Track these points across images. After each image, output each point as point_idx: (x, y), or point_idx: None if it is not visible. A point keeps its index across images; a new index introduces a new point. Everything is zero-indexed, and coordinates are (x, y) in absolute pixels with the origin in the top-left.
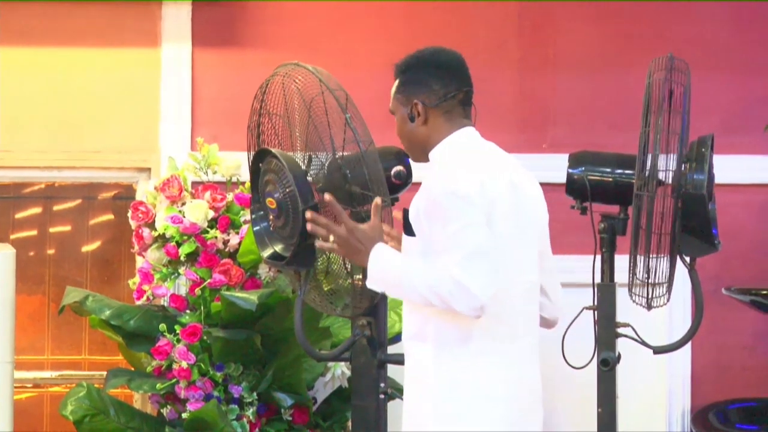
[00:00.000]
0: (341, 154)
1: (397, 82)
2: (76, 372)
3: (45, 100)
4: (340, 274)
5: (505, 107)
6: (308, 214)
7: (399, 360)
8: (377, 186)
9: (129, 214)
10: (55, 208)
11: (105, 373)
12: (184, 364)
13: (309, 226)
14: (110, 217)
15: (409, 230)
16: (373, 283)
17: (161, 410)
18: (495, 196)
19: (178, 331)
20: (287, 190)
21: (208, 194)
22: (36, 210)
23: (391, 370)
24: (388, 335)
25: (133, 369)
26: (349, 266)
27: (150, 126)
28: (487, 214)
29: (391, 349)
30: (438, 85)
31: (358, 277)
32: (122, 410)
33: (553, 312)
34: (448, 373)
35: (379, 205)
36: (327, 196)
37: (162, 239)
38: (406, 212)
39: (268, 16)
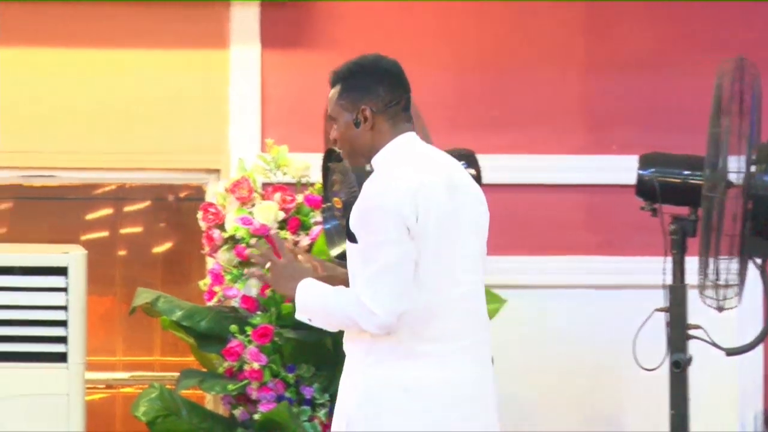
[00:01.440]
0: None
1: (338, 87)
2: (148, 373)
3: (114, 101)
4: None
5: (572, 109)
6: (252, 241)
7: None
8: None
9: (199, 216)
10: (126, 209)
11: (177, 374)
12: (256, 366)
13: (247, 251)
14: (180, 218)
15: (349, 236)
16: (300, 314)
17: (233, 411)
18: (429, 202)
19: (249, 333)
20: (351, 190)
21: (277, 195)
22: (107, 211)
23: None
24: None
25: (204, 370)
26: None
27: (219, 127)
28: (415, 224)
29: None
30: (384, 91)
31: None
32: (194, 411)
33: None
34: (375, 373)
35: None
36: (272, 231)
37: (232, 240)
38: (348, 219)
39: (335, 16)
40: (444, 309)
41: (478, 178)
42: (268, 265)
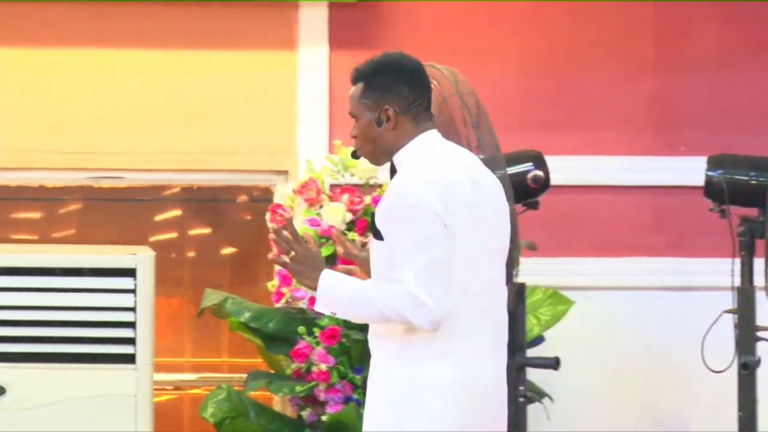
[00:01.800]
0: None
1: (361, 85)
2: (215, 374)
3: (183, 103)
4: None
5: (640, 110)
6: (273, 226)
7: (539, 363)
8: (505, 192)
9: (267, 217)
10: (194, 210)
11: (244, 375)
12: (324, 367)
13: (271, 237)
14: (248, 219)
15: (374, 233)
16: (323, 306)
17: (300, 413)
18: (455, 200)
19: (317, 334)
20: None
21: (345, 197)
22: (175, 212)
23: (531, 373)
24: (527, 338)
25: (272, 371)
26: None
27: (287, 129)
28: (447, 220)
29: (530, 353)
30: (407, 91)
31: None
32: (262, 413)
33: None
34: (406, 374)
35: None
36: (288, 217)
37: None
38: (373, 216)
39: (403, 17)
40: (469, 307)
41: (546, 180)
42: (291, 254)
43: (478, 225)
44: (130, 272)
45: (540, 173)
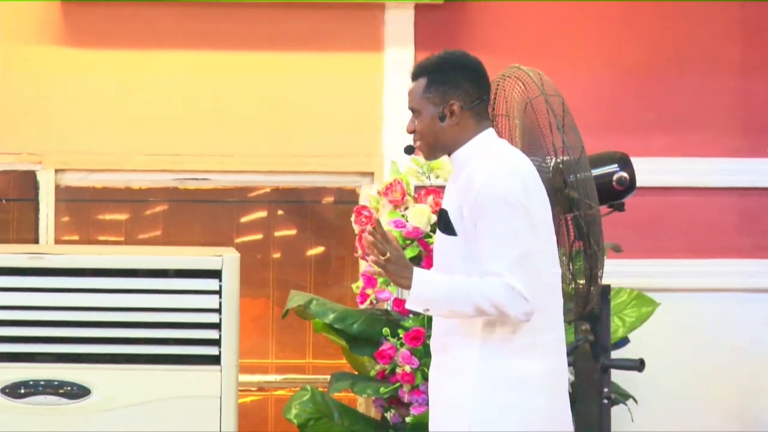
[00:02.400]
0: (561, 158)
1: (424, 80)
2: (300, 375)
3: (268, 104)
4: (563, 278)
5: (726, 111)
6: (369, 227)
7: (623, 365)
8: (589, 193)
9: (352, 218)
10: (279, 212)
11: (328, 376)
12: (408, 368)
13: (368, 238)
14: (333, 221)
15: (447, 229)
16: (416, 303)
17: (385, 414)
18: (534, 196)
19: (401, 335)
20: None
21: (430, 198)
22: (261, 214)
23: (615, 375)
24: (612, 340)
25: (356, 373)
26: (572, 270)
27: (372, 130)
28: (530, 215)
29: (615, 354)
30: (471, 87)
31: (581, 281)
32: (346, 414)
33: None
34: (489, 366)
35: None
36: (375, 218)
37: None
38: (443, 212)
39: (489, 18)
40: (547, 301)
41: (631, 182)
42: (387, 256)
43: (546, 219)
44: (216, 273)
45: (625, 175)
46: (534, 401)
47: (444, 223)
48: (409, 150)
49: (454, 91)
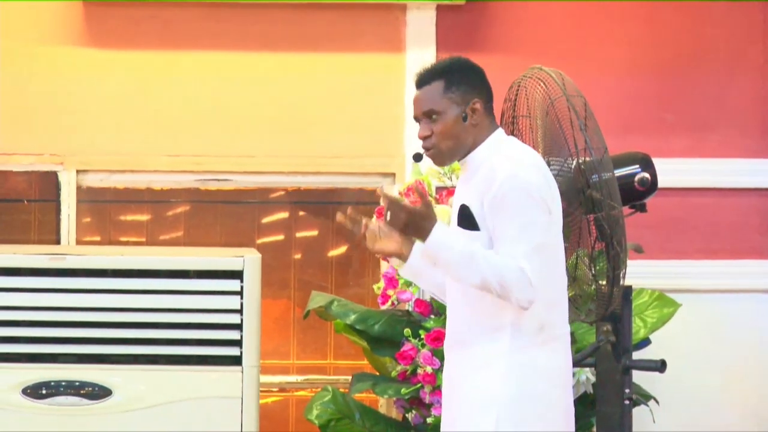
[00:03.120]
0: (583, 159)
1: (441, 82)
2: (321, 376)
3: (289, 105)
4: (585, 279)
5: (747, 112)
6: (381, 191)
7: (644, 366)
8: (612, 193)
9: (373, 219)
10: (301, 212)
11: (350, 377)
12: (429, 369)
13: (385, 202)
14: None
15: (468, 225)
16: (428, 252)
17: (406, 415)
18: (553, 191)
19: (422, 336)
20: None
21: (451, 199)
22: (282, 215)
23: (636, 375)
24: (633, 341)
25: (377, 373)
26: (594, 271)
27: (394, 131)
28: (549, 209)
29: (636, 355)
30: (485, 88)
31: (602, 282)
32: (367, 415)
33: None
34: (520, 359)
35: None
36: (378, 190)
37: None
38: (464, 207)
39: (510, 19)
40: (562, 293)
41: (653, 182)
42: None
43: (560, 215)
44: (237, 274)
45: (647, 176)
46: (558, 394)
47: (466, 219)
48: (418, 157)
49: (474, 91)
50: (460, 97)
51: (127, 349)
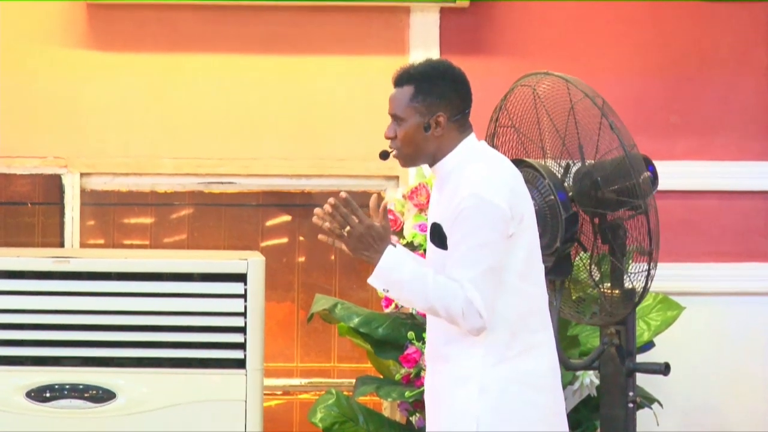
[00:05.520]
0: (591, 161)
1: (411, 88)
2: (325, 379)
3: (293, 108)
4: (587, 282)
5: (752, 114)
6: (331, 201)
7: (648, 369)
8: (643, 189)
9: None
10: (304, 215)
11: (354, 380)
12: None
13: (326, 208)
14: None
15: (440, 243)
16: (378, 281)
17: (410, 418)
18: (523, 200)
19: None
20: (547, 199)
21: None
22: (286, 218)
23: (640, 378)
24: (637, 344)
25: (381, 377)
26: (597, 275)
27: None
28: (516, 219)
29: (640, 358)
30: (458, 99)
31: (607, 285)
32: (371, 418)
33: None
34: (499, 372)
35: (386, 207)
36: (343, 194)
37: (410, 247)
38: (435, 225)
39: (514, 21)
40: (541, 299)
41: (653, 182)
42: (347, 229)
43: (534, 219)
44: (241, 277)
45: (648, 174)
46: (541, 400)
47: (438, 237)
48: (384, 155)
49: (441, 103)
50: (425, 107)
51: (131, 352)
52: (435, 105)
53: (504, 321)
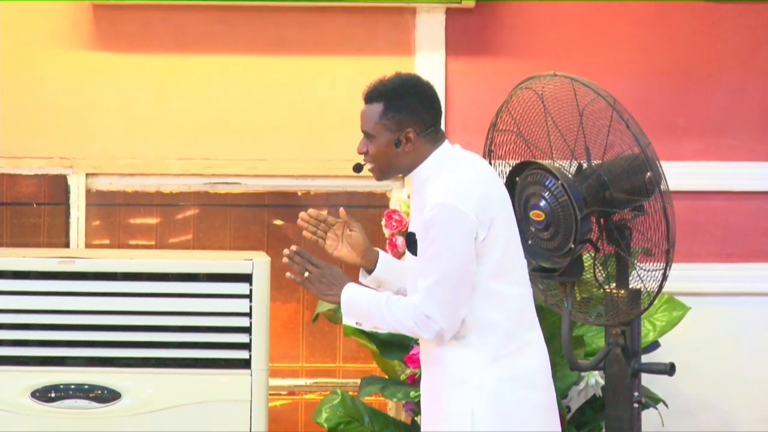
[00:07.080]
0: (598, 161)
1: (380, 105)
2: (330, 379)
3: (299, 109)
4: (592, 283)
5: (758, 115)
6: (290, 249)
7: (653, 369)
8: (658, 187)
9: (383, 223)
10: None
11: (359, 380)
12: None
13: (285, 260)
14: (364, 225)
15: (415, 252)
16: (346, 316)
17: (415, 418)
18: (495, 204)
19: None
20: (560, 199)
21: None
22: (291, 219)
23: (645, 379)
24: (642, 344)
25: (386, 377)
26: (601, 276)
27: None
28: (486, 226)
29: (645, 358)
30: (427, 114)
31: (612, 285)
32: (376, 418)
33: None
34: (495, 372)
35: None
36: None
37: None
38: (411, 235)
39: (519, 22)
40: (524, 298)
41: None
42: (306, 274)
43: (514, 224)
44: (246, 278)
45: (649, 174)
46: (536, 398)
47: (413, 246)
48: (358, 168)
49: (411, 119)
50: (395, 124)
51: (137, 353)
52: (404, 122)
53: (490, 323)
